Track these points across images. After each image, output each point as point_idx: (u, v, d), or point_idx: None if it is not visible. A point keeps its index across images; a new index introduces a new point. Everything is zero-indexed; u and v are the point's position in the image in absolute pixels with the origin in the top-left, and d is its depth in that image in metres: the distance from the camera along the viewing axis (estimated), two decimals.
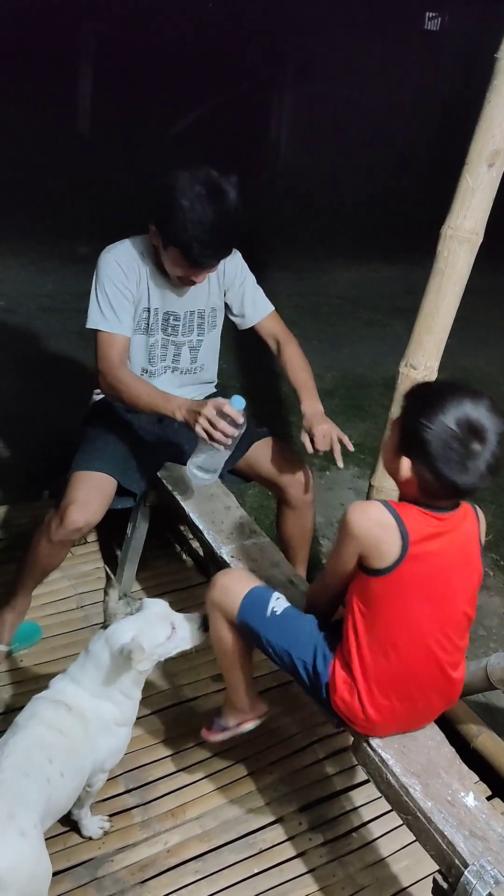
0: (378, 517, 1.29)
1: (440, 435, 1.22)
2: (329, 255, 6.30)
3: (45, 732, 1.45)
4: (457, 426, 1.21)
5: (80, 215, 6.08)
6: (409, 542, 1.28)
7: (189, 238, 1.83)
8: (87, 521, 1.98)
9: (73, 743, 1.48)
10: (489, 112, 1.74)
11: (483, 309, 5.07)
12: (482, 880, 1.22)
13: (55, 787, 1.41)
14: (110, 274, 1.98)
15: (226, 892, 1.66)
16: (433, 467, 1.24)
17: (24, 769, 1.38)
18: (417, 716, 1.46)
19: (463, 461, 1.22)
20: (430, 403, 1.24)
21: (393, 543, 1.28)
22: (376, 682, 1.39)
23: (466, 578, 1.38)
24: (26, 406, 3.40)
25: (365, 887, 1.72)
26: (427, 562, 1.31)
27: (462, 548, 1.35)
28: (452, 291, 1.88)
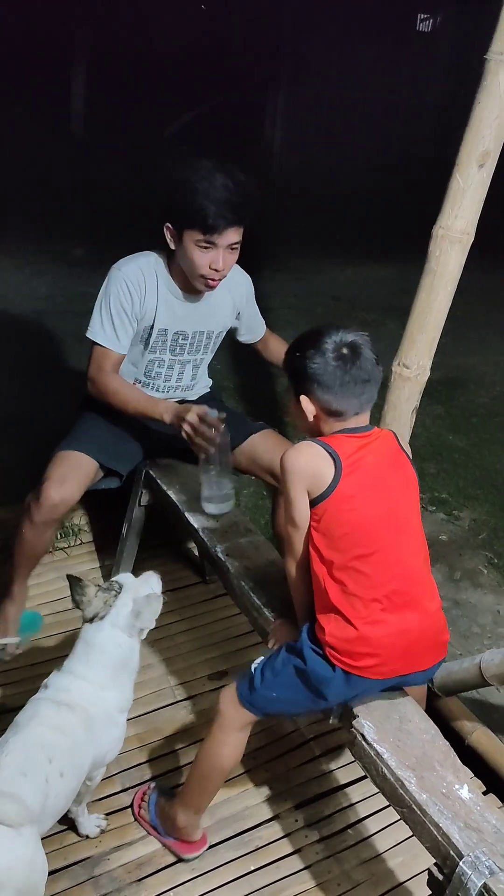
0: (309, 450, 1.45)
1: (318, 361, 1.44)
2: (324, 256, 6.32)
3: (45, 732, 1.46)
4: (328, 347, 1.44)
5: (75, 217, 6.09)
6: (340, 459, 1.42)
7: (201, 202, 1.84)
8: (62, 498, 1.99)
9: (74, 742, 1.49)
10: (479, 113, 1.76)
11: (476, 308, 5.09)
12: (477, 871, 1.23)
13: (53, 786, 1.42)
14: (116, 291, 1.99)
15: (222, 890, 1.67)
16: (324, 386, 1.44)
17: (22, 768, 1.39)
18: (414, 634, 1.45)
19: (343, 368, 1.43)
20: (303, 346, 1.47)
21: (327, 466, 1.42)
22: (359, 598, 1.42)
23: (402, 478, 1.49)
24: (21, 407, 3.40)
25: (361, 883, 1.73)
26: (361, 470, 1.43)
27: (388, 453, 1.49)
28: (444, 291, 1.90)
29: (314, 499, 1.44)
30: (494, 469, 3.57)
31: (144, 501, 2.22)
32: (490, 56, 1.73)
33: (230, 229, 1.90)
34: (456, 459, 3.60)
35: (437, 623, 1.50)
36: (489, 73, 1.73)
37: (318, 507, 1.44)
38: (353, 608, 1.42)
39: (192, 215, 1.87)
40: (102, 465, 2.09)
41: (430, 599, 1.49)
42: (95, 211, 6.10)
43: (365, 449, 1.46)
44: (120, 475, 2.17)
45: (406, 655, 1.46)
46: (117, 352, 2.03)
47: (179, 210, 1.89)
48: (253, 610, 1.78)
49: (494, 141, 1.77)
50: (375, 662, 1.43)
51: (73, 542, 2.60)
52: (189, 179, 1.86)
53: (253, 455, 2.18)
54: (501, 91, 1.73)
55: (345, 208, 7.40)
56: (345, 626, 1.42)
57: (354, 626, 1.41)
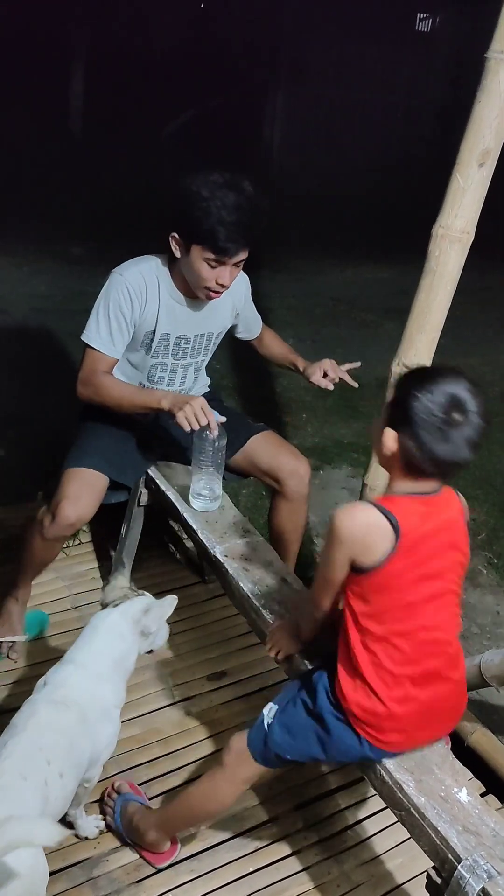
0: (365, 518, 1.32)
1: (424, 405, 1.29)
2: (323, 256, 6.32)
3: (43, 734, 1.46)
4: (440, 397, 1.29)
5: (73, 216, 6.08)
6: (401, 534, 1.30)
7: (213, 224, 1.83)
8: (78, 517, 2.00)
9: (72, 741, 1.49)
10: (479, 112, 1.75)
11: (476, 308, 5.09)
12: (475, 875, 1.22)
13: (53, 788, 1.42)
14: (117, 296, 1.98)
15: (221, 891, 1.67)
16: (416, 435, 1.29)
17: (22, 772, 1.39)
18: (439, 706, 1.41)
19: (444, 430, 1.28)
20: (417, 379, 1.33)
21: (384, 539, 1.30)
22: (390, 673, 1.36)
23: (455, 555, 1.40)
24: (19, 407, 3.40)
25: (360, 885, 1.72)
26: (419, 548, 1.33)
27: (449, 529, 1.38)
28: (444, 290, 1.89)
29: (359, 566, 1.33)
30: (494, 469, 3.56)
31: (144, 501, 2.22)
32: (490, 55, 1.72)
33: (240, 251, 1.91)
34: None
35: (461, 690, 1.45)
36: (489, 72, 1.73)
37: (363, 577, 1.33)
38: (383, 683, 1.35)
39: (203, 235, 1.86)
40: (111, 478, 2.09)
41: (457, 668, 1.43)
42: (94, 210, 6.10)
43: (429, 520, 1.34)
44: (128, 488, 2.17)
45: (430, 727, 1.43)
46: (111, 356, 2.02)
47: (190, 225, 1.87)
48: (251, 611, 1.77)
49: (495, 140, 1.76)
50: (402, 739, 1.39)
51: (71, 542, 2.60)
52: (201, 195, 1.84)
53: (252, 457, 2.18)
54: (501, 90, 1.72)
55: (344, 209, 7.40)
56: (373, 700, 1.36)
57: (383, 702, 1.35)
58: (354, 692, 1.37)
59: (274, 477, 2.17)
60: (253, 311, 2.29)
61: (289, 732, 1.45)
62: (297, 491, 2.16)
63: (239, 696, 2.12)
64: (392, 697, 1.35)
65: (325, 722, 1.41)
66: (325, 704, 1.41)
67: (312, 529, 2.92)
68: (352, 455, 3.52)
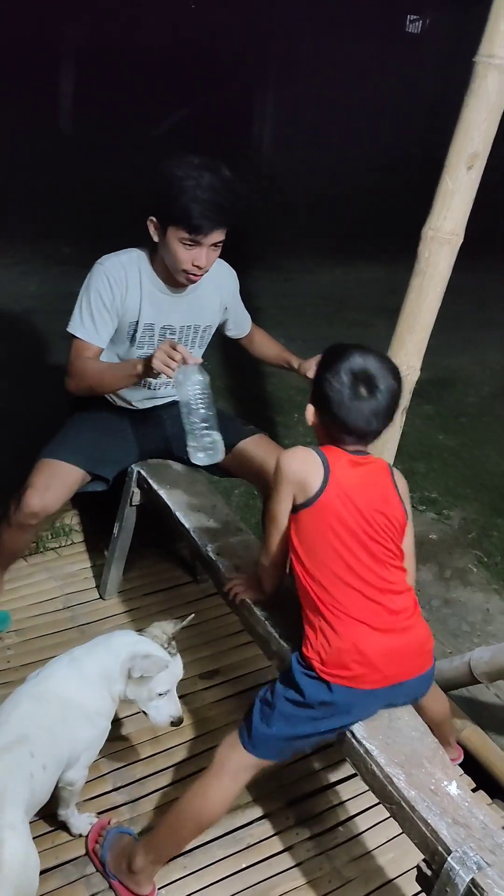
0: (304, 455, 1.49)
1: (331, 383, 1.45)
2: (313, 256, 6.33)
3: (26, 727, 1.48)
4: (346, 375, 1.44)
5: (63, 216, 6.07)
6: (331, 470, 1.45)
7: (187, 201, 1.84)
8: (43, 507, 1.99)
9: (53, 734, 1.51)
10: (468, 115, 1.77)
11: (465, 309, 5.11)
12: (465, 866, 1.24)
13: (38, 780, 1.44)
14: (97, 286, 2.00)
15: (214, 888, 1.68)
16: (328, 411, 1.45)
17: (8, 766, 1.41)
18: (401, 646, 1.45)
19: (350, 404, 1.43)
20: (327, 359, 1.49)
21: (316, 474, 1.45)
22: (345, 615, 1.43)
23: (387, 510, 1.48)
24: (9, 406, 3.40)
25: (351, 880, 1.74)
26: (348, 488, 1.45)
27: (377, 481, 1.50)
28: (434, 292, 1.91)
29: (298, 504, 1.47)
30: (483, 468, 3.59)
31: (136, 501, 2.23)
32: (478, 59, 1.74)
33: (215, 230, 1.90)
34: (445, 459, 3.62)
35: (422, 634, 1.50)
36: (477, 76, 1.74)
37: (300, 514, 1.47)
38: (339, 621, 1.43)
39: (177, 214, 1.87)
40: (88, 471, 2.09)
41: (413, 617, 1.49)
42: (85, 210, 6.09)
43: (356, 469, 1.48)
44: (106, 479, 2.17)
45: (395, 663, 1.45)
46: (96, 344, 2.03)
47: (165, 206, 1.89)
48: (244, 609, 1.79)
49: (483, 143, 1.78)
50: (366, 671, 1.42)
51: (64, 542, 2.60)
52: (176, 176, 1.85)
53: (242, 461, 2.18)
54: (490, 93, 1.74)
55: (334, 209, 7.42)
56: (333, 636, 1.43)
57: (341, 636, 1.42)
58: (315, 637, 1.45)
59: (264, 483, 2.18)
60: (242, 308, 2.30)
61: (268, 705, 1.49)
62: None
63: (231, 695, 2.13)
64: (349, 633, 1.42)
65: (297, 683, 1.46)
66: (296, 666, 1.48)
67: None
68: None
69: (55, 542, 2.59)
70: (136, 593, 2.43)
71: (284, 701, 1.48)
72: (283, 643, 1.67)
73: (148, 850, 1.58)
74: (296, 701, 1.46)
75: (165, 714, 1.65)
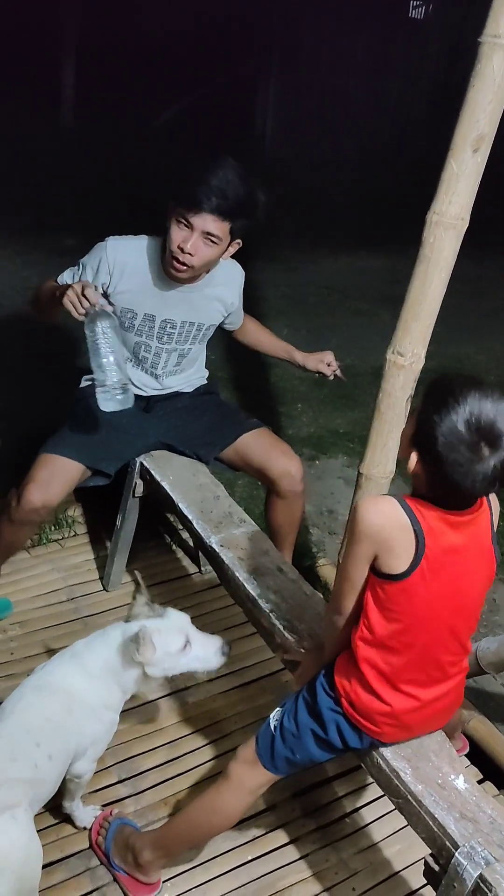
0: (389, 512, 1.23)
1: (448, 435, 1.15)
2: (316, 245, 6.28)
3: (31, 718, 1.47)
4: (466, 428, 1.14)
5: (65, 207, 6.03)
6: (425, 545, 1.22)
7: (187, 176, 1.88)
8: (44, 503, 1.99)
9: (57, 726, 1.50)
10: (474, 97, 1.73)
11: (471, 297, 5.08)
12: (473, 861, 1.23)
13: (43, 770, 1.44)
14: (94, 257, 2.05)
15: (220, 880, 1.67)
16: (438, 468, 1.17)
17: (11, 754, 1.41)
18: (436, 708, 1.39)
19: (469, 466, 1.15)
20: (444, 399, 1.17)
21: (407, 543, 1.22)
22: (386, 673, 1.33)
23: (481, 573, 1.32)
24: (9, 399, 3.38)
25: (358, 872, 1.73)
26: (443, 564, 1.25)
27: (477, 542, 1.29)
28: (439, 278, 1.88)
29: (379, 572, 1.26)
30: None
31: (139, 492, 2.21)
32: (484, 39, 1.70)
33: (210, 215, 1.87)
34: None
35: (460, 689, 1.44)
36: (483, 57, 1.70)
37: (382, 583, 1.27)
38: (387, 690, 1.33)
39: (178, 188, 1.89)
40: (89, 466, 2.08)
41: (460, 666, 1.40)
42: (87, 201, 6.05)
43: (455, 532, 1.25)
44: (108, 475, 2.15)
45: (427, 724, 1.42)
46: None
47: (177, 185, 1.91)
48: (247, 601, 1.77)
49: (489, 125, 1.74)
50: (396, 731, 1.38)
51: (67, 533, 2.59)
52: (196, 161, 1.91)
53: (244, 455, 2.17)
54: (496, 74, 1.70)
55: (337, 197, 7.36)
56: (369, 696, 1.34)
57: (380, 698, 1.33)
58: (351, 686, 1.36)
59: (265, 476, 2.17)
60: (239, 309, 2.28)
61: (294, 732, 1.43)
62: (290, 489, 2.16)
63: (236, 686, 2.12)
64: (388, 695, 1.34)
65: (322, 718, 1.40)
66: (324, 699, 1.40)
67: (308, 519, 2.92)
68: (347, 444, 3.52)
69: (58, 534, 2.58)
70: (140, 585, 2.42)
71: (310, 735, 1.42)
72: (286, 635, 1.66)
73: (156, 847, 1.57)
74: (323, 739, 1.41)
75: (209, 655, 1.59)
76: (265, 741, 1.47)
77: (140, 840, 1.60)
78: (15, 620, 2.23)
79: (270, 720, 1.48)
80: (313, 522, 2.93)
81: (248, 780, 1.48)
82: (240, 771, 1.48)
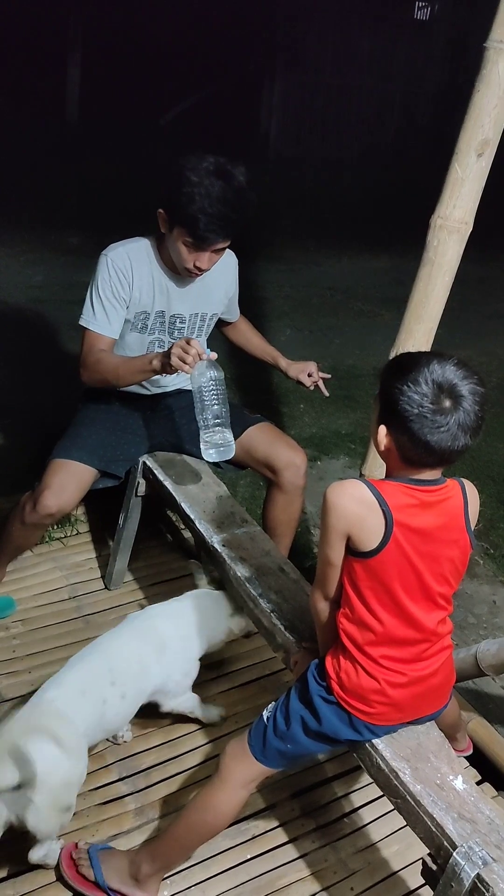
0: (355, 493, 1.29)
1: (410, 396, 1.24)
2: (319, 246, 6.29)
3: (119, 658, 1.69)
4: (425, 386, 1.23)
5: (70, 205, 6.05)
6: (393, 519, 1.28)
7: (195, 211, 1.85)
8: (59, 508, 2.02)
9: (143, 668, 1.71)
10: (478, 101, 1.74)
11: (474, 299, 5.09)
12: (471, 861, 1.23)
13: (112, 707, 1.64)
14: (104, 276, 2.02)
15: (219, 878, 1.68)
16: (406, 429, 1.25)
17: (82, 687, 1.60)
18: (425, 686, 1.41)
19: (436, 419, 1.23)
20: (399, 370, 1.27)
21: (376, 521, 1.28)
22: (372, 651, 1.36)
23: (456, 555, 1.36)
24: (17, 397, 3.39)
25: (356, 872, 1.74)
26: (412, 540, 1.30)
27: (448, 525, 1.34)
28: (442, 281, 1.89)
29: (351, 551, 1.32)
30: (490, 460, 3.57)
31: (141, 492, 2.22)
32: (489, 44, 1.72)
33: (218, 241, 1.93)
34: None
35: (448, 675, 1.46)
36: (488, 62, 1.72)
37: (354, 563, 1.33)
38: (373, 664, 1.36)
39: (184, 219, 1.88)
40: (101, 470, 2.10)
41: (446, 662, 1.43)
42: (92, 199, 6.06)
43: (424, 513, 1.31)
44: (118, 476, 2.17)
45: (417, 706, 1.43)
46: (108, 336, 2.04)
47: (174, 207, 1.89)
48: (249, 600, 1.78)
49: (493, 129, 1.76)
50: (387, 710, 1.39)
51: (69, 531, 2.60)
52: (190, 180, 1.85)
53: (249, 448, 2.18)
54: (501, 79, 1.72)
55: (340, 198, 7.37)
56: (362, 674, 1.37)
57: (371, 676, 1.36)
58: (340, 666, 1.39)
59: (270, 468, 2.18)
60: (236, 299, 2.31)
61: (285, 722, 1.45)
62: (293, 482, 2.17)
63: (236, 686, 2.13)
64: (374, 669, 1.37)
65: (314, 706, 1.41)
66: (315, 687, 1.42)
67: (309, 520, 2.93)
68: (349, 445, 3.53)
69: (61, 533, 2.59)
70: (142, 584, 2.43)
71: (301, 724, 1.43)
72: (288, 635, 1.67)
73: (154, 858, 1.55)
74: (314, 730, 1.42)
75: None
76: (258, 732, 1.48)
77: (137, 855, 1.57)
78: (17, 618, 2.24)
79: (264, 713, 1.50)
80: (314, 523, 2.94)
81: (238, 773, 1.48)
82: (230, 765, 1.49)
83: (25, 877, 1.62)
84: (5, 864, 1.64)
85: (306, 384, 2.27)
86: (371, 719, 1.39)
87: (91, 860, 1.57)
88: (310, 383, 2.27)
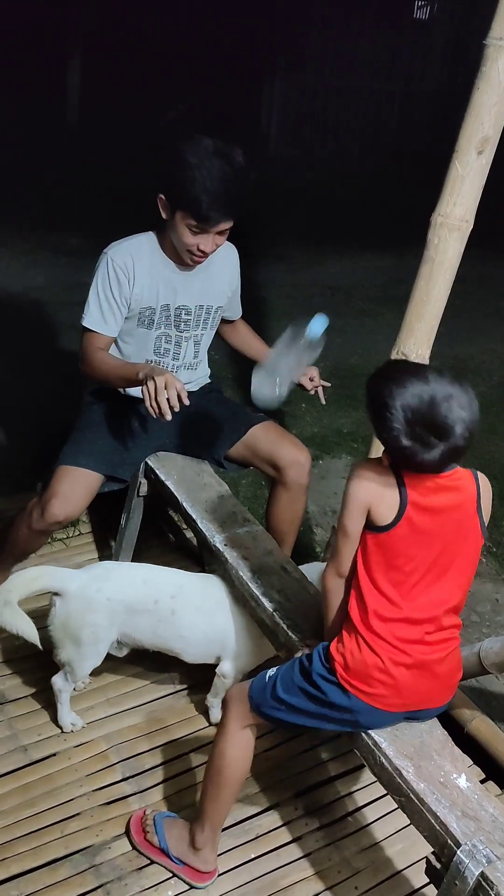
0: (380, 470, 1.38)
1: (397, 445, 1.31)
2: (320, 245, 6.28)
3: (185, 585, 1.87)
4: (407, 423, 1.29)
5: (71, 206, 6.05)
6: (407, 496, 1.35)
7: (197, 192, 1.85)
8: (67, 516, 2.03)
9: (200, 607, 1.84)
10: (478, 99, 1.74)
11: (475, 297, 5.08)
12: (474, 859, 1.23)
13: (160, 613, 1.80)
14: (104, 275, 2.02)
15: (223, 877, 1.68)
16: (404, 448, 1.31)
17: (146, 577, 1.84)
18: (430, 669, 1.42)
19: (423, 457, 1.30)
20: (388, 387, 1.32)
21: (393, 498, 1.36)
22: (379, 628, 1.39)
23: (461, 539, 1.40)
24: (19, 398, 3.39)
25: (360, 871, 1.74)
26: (425, 519, 1.36)
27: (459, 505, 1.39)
28: (443, 279, 1.89)
29: (368, 525, 1.39)
30: (493, 458, 3.56)
31: (143, 492, 2.22)
32: (489, 41, 1.71)
33: (222, 221, 1.92)
34: None
35: (454, 669, 1.47)
36: (488, 59, 1.71)
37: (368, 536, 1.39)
38: (378, 640, 1.39)
39: (186, 201, 1.88)
40: (107, 475, 2.11)
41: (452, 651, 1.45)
42: (92, 200, 6.06)
43: (439, 494, 1.37)
44: (124, 480, 2.18)
45: (418, 695, 1.43)
46: (105, 335, 2.05)
47: (175, 190, 1.90)
48: (251, 600, 1.78)
49: (494, 127, 1.75)
50: (388, 693, 1.40)
51: (72, 532, 2.60)
52: (189, 162, 1.86)
53: (253, 446, 2.18)
54: (501, 77, 1.71)
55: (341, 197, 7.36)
56: (366, 650, 1.39)
57: (375, 652, 1.39)
58: (345, 646, 1.41)
59: (274, 466, 2.18)
60: (237, 295, 2.30)
61: (286, 689, 1.48)
62: (296, 480, 2.17)
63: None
64: (379, 646, 1.39)
65: (315, 683, 1.44)
66: (318, 666, 1.45)
67: (312, 519, 2.92)
68: (351, 444, 3.52)
69: (63, 533, 2.59)
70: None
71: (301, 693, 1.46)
72: (290, 634, 1.67)
73: (202, 823, 1.62)
74: (314, 697, 1.44)
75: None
76: (259, 687, 1.52)
77: (193, 823, 1.65)
78: None
79: (268, 671, 1.53)
80: (317, 522, 2.94)
81: (235, 714, 1.54)
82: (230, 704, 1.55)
83: (30, 876, 1.63)
84: (10, 864, 1.64)
85: (307, 388, 2.26)
86: (371, 700, 1.40)
87: (156, 828, 1.67)
88: (311, 387, 2.26)
